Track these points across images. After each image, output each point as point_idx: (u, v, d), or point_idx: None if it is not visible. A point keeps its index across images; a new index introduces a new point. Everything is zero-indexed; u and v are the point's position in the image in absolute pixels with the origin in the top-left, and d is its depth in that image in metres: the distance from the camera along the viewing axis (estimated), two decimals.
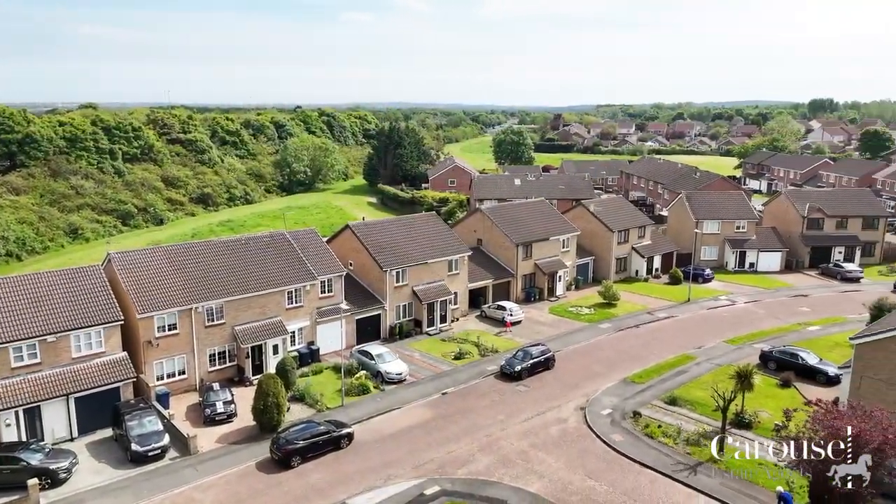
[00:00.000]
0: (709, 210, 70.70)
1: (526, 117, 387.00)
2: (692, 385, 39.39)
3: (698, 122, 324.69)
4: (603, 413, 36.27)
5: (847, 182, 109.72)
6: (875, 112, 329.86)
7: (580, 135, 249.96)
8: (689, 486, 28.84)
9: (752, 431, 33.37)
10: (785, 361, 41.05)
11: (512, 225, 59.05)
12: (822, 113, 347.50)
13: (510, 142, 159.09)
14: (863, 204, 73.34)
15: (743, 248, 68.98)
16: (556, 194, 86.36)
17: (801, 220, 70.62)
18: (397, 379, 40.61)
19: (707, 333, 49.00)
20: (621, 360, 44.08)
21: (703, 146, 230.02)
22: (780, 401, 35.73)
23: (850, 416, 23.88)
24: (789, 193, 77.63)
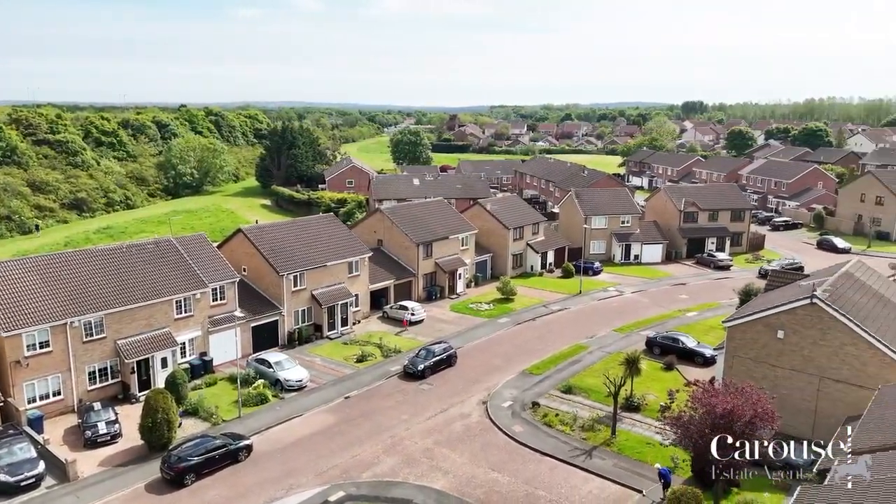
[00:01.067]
0: (596, 206, 74.47)
1: (422, 117, 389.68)
2: (586, 373, 41.34)
3: (585, 122, 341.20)
4: (504, 406, 37.24)
5: (717, 178, 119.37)
6: (739, 113, 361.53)
7: (475, 135, 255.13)
8: (586, 469, 30.27)
9: (641, 413, 35.53)
10: (668, 346, 44.04)
11: (412, 225, 59.23)
12: (693, 114, 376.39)
13: (408, 142, 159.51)
14: (731, 198, 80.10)
15: (628, 242, 73.25)
16: (455, 194, 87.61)
17: (679, 214, 76.02)
18: (297, 386, 39.56)
19: (598, 323, 51.60)
20: (520, 353, 45.45)
21: (590, 145, 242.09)
22: (664, 383, 38.26)
23: (725, 393, 25.96)
24: (667, 189, 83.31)
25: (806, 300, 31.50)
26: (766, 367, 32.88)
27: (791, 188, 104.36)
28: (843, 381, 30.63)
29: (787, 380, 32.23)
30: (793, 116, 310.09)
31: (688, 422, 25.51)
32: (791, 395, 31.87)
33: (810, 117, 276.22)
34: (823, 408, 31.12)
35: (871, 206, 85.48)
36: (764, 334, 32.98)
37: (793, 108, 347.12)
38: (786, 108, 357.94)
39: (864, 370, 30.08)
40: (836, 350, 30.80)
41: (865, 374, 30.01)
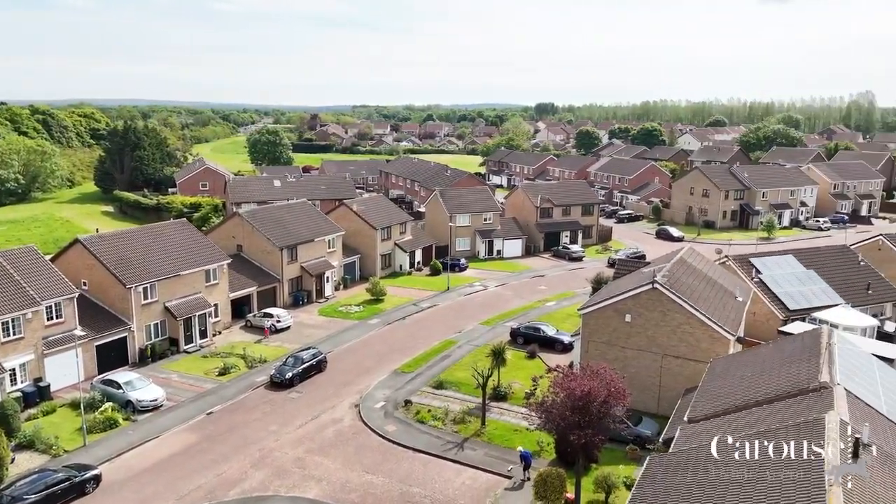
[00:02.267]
0: (460, 204, 76.44)
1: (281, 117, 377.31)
2: (456, 368, 42.29)
3: (446, 123, 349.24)
4: (377, 407, 37.07)
5: (568, 175, 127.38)
6: (586, 114, 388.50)
7: (338, 135, 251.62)
8: (458, 461, 30.96)
9: (508, 402, 37.00)
10: (530, 335, 46.26)
11: (274, 228, 57.09)
12: (546, 115, 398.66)
13: (266, 142, 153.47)
14: (581, 194, 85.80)
15: (491, 238, 75.99)
16: (319, 195, 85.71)
17: (536, 210, 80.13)
18: (152, 406, 36.64)
19: (466, 318, 53.01)
20: (391, 352, 45.49)
21: (452, 145, 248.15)
22: (529, 371, 40.04)
23: (582, 376, 27.70)
24: (525, 187, 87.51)
25: (648, 286, 34.52)
26: (618, 349, 35.62)
27: (632, 183, 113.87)
28: (681, 356, 33.97)
29: (635, 359, 35.14)
30: (632, 117, 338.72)
31: (550, 406, 26.90)
32: (639, 372, 34.80)
33: (646, 118, 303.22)
34: (666, 382, 34.31)
35: (699, 198, 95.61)
36: (614, 319, 35.70)
37: (632, 110, 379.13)
38: (626, 109, 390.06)
39: (699, 346, 33.57)
40: (675, 329, 34.08)
41: (700, 349, 33.50)
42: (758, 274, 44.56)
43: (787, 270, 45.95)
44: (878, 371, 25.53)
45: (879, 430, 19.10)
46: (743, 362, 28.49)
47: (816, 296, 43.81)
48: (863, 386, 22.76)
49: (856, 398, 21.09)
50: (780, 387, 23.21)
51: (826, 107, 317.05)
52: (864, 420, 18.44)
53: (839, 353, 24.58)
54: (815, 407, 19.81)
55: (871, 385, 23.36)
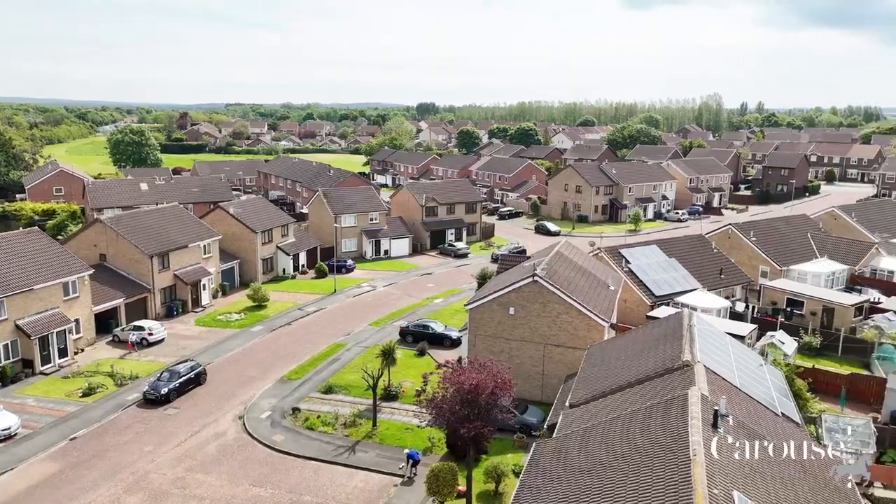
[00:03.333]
0: (345, 205, 75.34)
1: (147, 115, 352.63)
2: (345, 371, 41.64)
3: (327, 122, 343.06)
4: (262, 417, 35.66)
5: (451, 174, 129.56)
6: (466, 115, 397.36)
7: (211, 134, 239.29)
8: (350, 465, 30.51)
9: (399, 401, 36.99)
10: (419, 333, 46.54)
11: (143, 234, 53.18)
12: (428, 115, 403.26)
13: (130, 142, 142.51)
14: (464, 192, 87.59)
15: (377, 238, 75.59)
16: (192, 198, 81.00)
17: (421, 209, 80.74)
18: (4, 435, 32.89)
19: (354, 320, 52.35)
20: (277, 359, 43.95)
21: (334, 144, 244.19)
22: (419, 368, 40.23)
23: (471, 370, 28.27)
24: (409, 186, 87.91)
25: (529, 279, 35.91)
26: (503, 341, 36.75)
27: (512, 181, 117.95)
28: (561, 345, 35.65)
29: (519, 350, 36.42)
30: (509, 117, 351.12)
31: (440, 402, 27.20)
32: (523, 363, 36.12)
33: (523, 118, 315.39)
34: (549, 370, 35.88)
35: (573, 195, 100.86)
36: (499, 312, 36.78)
37: (509, 111, 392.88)
38: (504, 110, 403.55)
39: (577, 334, 35.39)
40: (555, 319, 35.70)
41: (578, 336, 35.32)
42: (627, 264, 47.73)
43: (652, 259, 49.61)
44: (732, 348, 28.22)
45: (734, 401, 21.09)
46: (617, 347, 30.38)
47: (678, 282, 47.68)
48: (719, 362, 25.05)
49: (714, 374, 23.16)
50: (650, 367, 24.99)
51: (681, 108, 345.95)
52: (721, 393, 20.27)
53: (698, 333, 26.87)
54: (679, 384, 21.52)
55: (726, 361, 25.76)
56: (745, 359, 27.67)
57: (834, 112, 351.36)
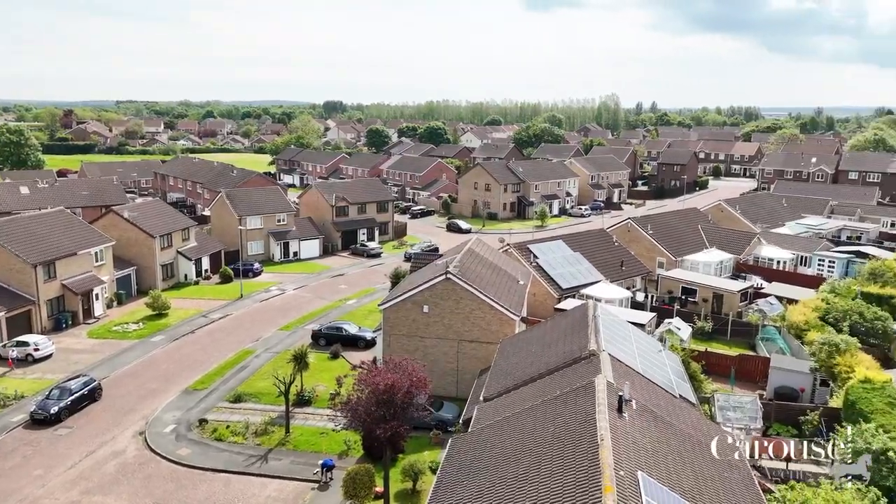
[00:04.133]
0: (250, 206, 72.79)
1: (26, 113, 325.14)
2: (255, 378, 40.27)
3: (229, 120, 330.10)
4: (166, 431, 33.83)
5: (361, 173, 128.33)
6: (375, 113, 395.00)
7: (101, 133, 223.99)
8: (262, 475, 29.56)
9: (313, 406, 36.23)
10: (332, 335, 45.76)
11: (25, 243, 48.96)
12: (335, 113, 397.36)
13: (7, 142, 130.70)
14: (375, 191, 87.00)
15: (286, 239, 73.59)
16: (80, 202, 75.58)
17: (331, 209, 79.41)
18: None
19: (263, 325, 50.71)
20: (180, 370, 41.82)
21: (237, 144, 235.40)
22: (333, 372, 39.54)
23: (386, 370, 28.12)
24: (318, 186, 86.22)
25: (442, 277, 36.21)
26: (418, 340, 36.83)
27: (423, 180, 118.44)
28: (475, 340, 36.20)
29: (434, 347, 36.65)
30: (418, 116, 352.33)
31: (356, 404, 26.89)
32: (438, 360, 36.39)
33: (432, 117, 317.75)
34: (463, 366, 36.33)
35: (482, 192, 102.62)
36: (413, 311, 36.83)
37: (418, 109, 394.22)
38: (412, 109, 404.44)
39: (489, 328, 36.05)
40: (468, 315, 36.19)
41: (490, 331, 35.98)
42: (535, 259, 49.16)
43: (558, 254, 51.36)
44: (633, 336, 29.72)
45: (637, 386, 22.22)
46: (527, 340, 31.21)
47: (583, 274, 49.64)
48: (623, 350, 26.30)
49: (618, 361, 24.29)
50: (559, 358, 25.86)
51: (582, 108, 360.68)
52: (625, 379, 21.28)
53: (603, 323, 28.10)
54: (586, 373, 22.40)
55: (628, 349, 27.10)
56: (645, 345, 29.22)
57: (719, 112, 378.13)
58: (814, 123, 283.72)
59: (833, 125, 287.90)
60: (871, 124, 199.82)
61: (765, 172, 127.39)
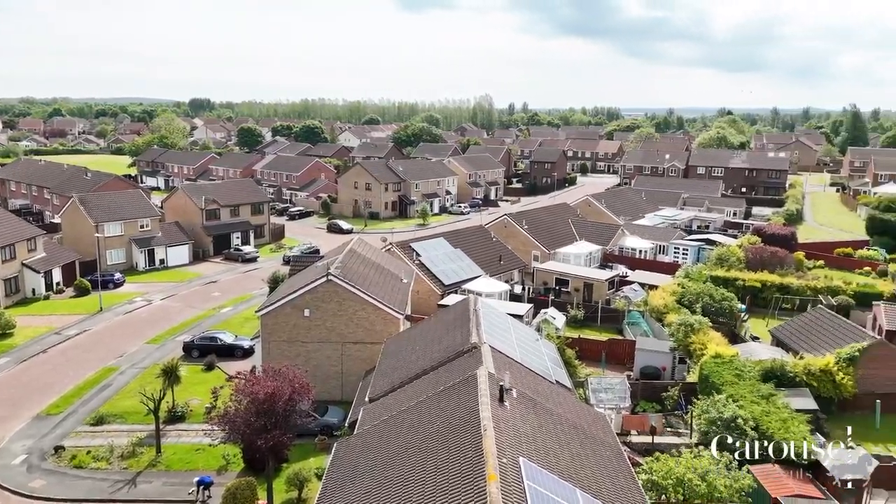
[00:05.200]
0: (108, 212, 67.05)
1: None
2: (119, 397, 37.16)
3: (81, 119, 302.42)
4: (16, 462, 30.34)
5: (233, 174, 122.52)
6: (246, 111, 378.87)
7: None
8: (130, 500, 27.34)
9: (187, 422, 34.06)
10: (206, 346, 43.26)
11: None
12: (202, 112, 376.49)
13: None
14: (249, 192, 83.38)
15: (150, 246, 68.56)
16: None
17: (201, 212, 75.07)
18: None
19: (127, 339, 46.91)
20: (31, 394, 37.64)
21: (91, 144, 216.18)
22: (208, 384, 37.36)
23: (266, 378, 27.01)
24: (186, 188, 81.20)
25: (323, 279, 35.40)
26: (299, 345, 35.76)
27: (300, 180, 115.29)
28: (359, 341, 35.76)
29: (317, 352, 35.77)
30: (293, 115, 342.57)
31: (234, 415, 25.62)
32: (321, 364, 35.58)
33: (307, 116, 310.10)
34: (348, 368, 35.78)
35: (363, 192, 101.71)
36: (293, 315, 35.70)
37: (292, 108, 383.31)
38: (286, 107, 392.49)
39: (374, 328, 35.77)
40: (351, 316, 35.68)
41: (375, 331, 35.71)
42: (418, 257, 49.49)
43: (440, 251, 52.07)
44: (512, 327, 30.75)
45: (517, 375, 22.96)
46: (412, 337, 31.31)
47: (464, 270, 50.69)
48: (502, 341, 27.11)
49: (499, 352, 24.99)
50: (443, 353, 26.16)
51: (458, 108, 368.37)
52: (505, 369, 21.93)
53: (483, 317, 28.80)
54: (469, 365, 22.83)
55: (508, 340, 27.98)
56: (524, 336, 30.35)
57: (584, 112, 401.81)
58: (667, 123, 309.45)
59: (683, 124, 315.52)
60: (714, 123, 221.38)
61: (626, 169, 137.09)
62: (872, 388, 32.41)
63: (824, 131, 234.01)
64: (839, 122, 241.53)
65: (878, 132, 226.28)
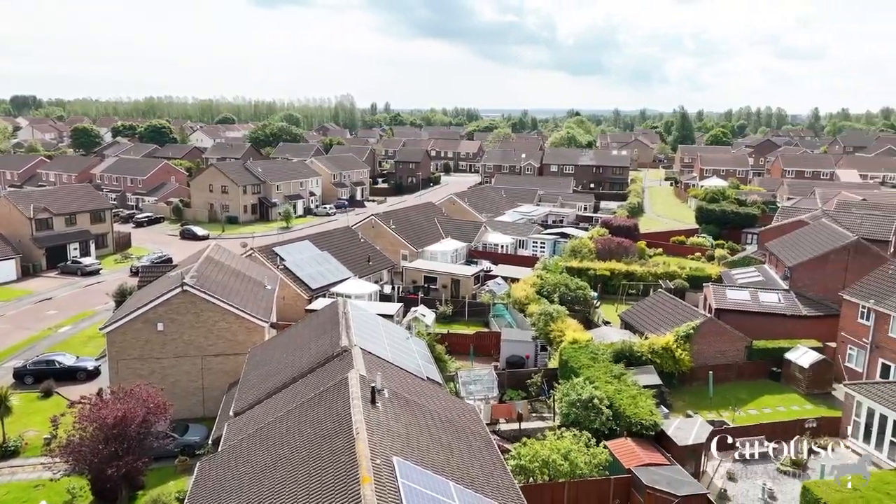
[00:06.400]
0: None
1: None
2: None
3: None
4: None
5: (68, 179, 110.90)
6: (81, 110, 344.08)
7: None
8: None
9: (22, 456, 30.38)
10: (42, 371, 38.73)
11: None
12: (27, 110, 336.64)
13: None
14: (87, 199, 75.78)
15: None
16: None
17: (29, 222, 67.11)
18: None
19: None
20: None
21: None
22: (46, 412, 33.46)
23: (115, 401, 24.79)
24: (10, 196, 72.29)
25: (178, 289, 33.09)
26: (153, 362, 33.19)
27: (147, 184, 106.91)
28: (221, 353, 33.88)
29: (173, 368, 33.40)
30: (136, 114, 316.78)
31: (79, 445, 23.27)
32: (180, 380, 33.29)
33: (153, 115, 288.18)
34: (210, 382, 33.77)
35: (219, 195, 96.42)
36: (144, 331, 33.05)
37: (135, 106, 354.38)
38: (128, 105, 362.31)
39: (236, 339, 34.05)
40: (211, 328, 33.70)
41: (237, 342, 34.01)
42: (282, 261, 47.86)
43: (306, 254, 50.76)
44: (383, 327, 30.74)
45: (389, 376, 22.99)
46: (279, 345, 30.23)
47: (332, 273, 49.82)
48: (373, 343, 27.01)
49: (370, 354, 24.86)
50: (313, 359, 25.54)
51: (319, 107, 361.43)
52: (377, 371, 21.87)
53: (353, 318, 28.52)
54: (340, 369, 22.49)
55: (379, 341, 27.93)
56: (394, 335, 30.45)
57: (445, 113, 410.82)
58: (522, 123, 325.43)
59: (536, 125, 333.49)
60: (564, 124, 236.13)
61: (486, 168, 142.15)
62: (705, 360, 36.35)
63: (659, 131, 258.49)
64: (671, 123, 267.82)
65: (702, 131, 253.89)
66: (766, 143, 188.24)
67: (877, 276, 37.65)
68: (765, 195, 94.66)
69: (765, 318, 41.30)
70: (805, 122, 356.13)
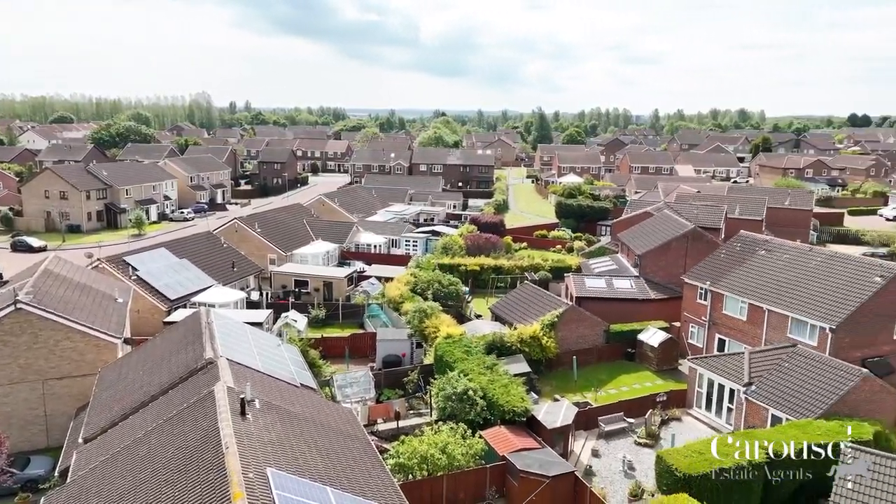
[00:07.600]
0: None
1: None
2: None
3: None
4: None
5: None
6: None
7: None
8: None
9: None
10: None
11: None
12: None
13: None
14: None
15: None
16: None
17: None
18: None
19: None
20: None
21: None
22: None
23: None
24: None
25: (10, 307, 29.48)
26: None
27: None
28: (66, 376, 30.62)
29: (8, 396, 29.71)
30: None
31: None
32: (17, 409, 29.70)
33: None
34: (53, 409, 30.40)
35: (57, 202, 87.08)
36: None
37: None
38: None
39: (84, 359, 30.92)
40: (52, 348, 30.36)
41: (85, 362, 30.89)
42: (135, 271, 44.26)
43: (161, 263, 47.28)
44: (251, 336, 29.42)
45: (259, 385, 22.07)
46: (135, 362, 27.95)
47: (192, 281, 46.82)
48: (242, 352, 25.78)
49: (238, 364, 23.70)
50: (174, 374, 23.87)
51: (172, 105, 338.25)
52: (246, 381, 20.89)
53: (218, 328, 27.02)
54: (205, 383, 21.23)
55: (247, 350, 26.70)
56: (264, 343, 29.27)
57: (310, 112, 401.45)
58: (390, 123, 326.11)
59: (404, 125, 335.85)
60: (432, 124, 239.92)
61: (356, 167, 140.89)
62: (569, 346, 38.62)
63: (519, 131, 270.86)
64: (531, 123, 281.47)
65: (559, 131, 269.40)
66: (615, 142, 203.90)
67: (711, 260, 42.12)
68: (615, 190, 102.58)
69: (619, 304, 44.69)
70: (647, 122, 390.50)
